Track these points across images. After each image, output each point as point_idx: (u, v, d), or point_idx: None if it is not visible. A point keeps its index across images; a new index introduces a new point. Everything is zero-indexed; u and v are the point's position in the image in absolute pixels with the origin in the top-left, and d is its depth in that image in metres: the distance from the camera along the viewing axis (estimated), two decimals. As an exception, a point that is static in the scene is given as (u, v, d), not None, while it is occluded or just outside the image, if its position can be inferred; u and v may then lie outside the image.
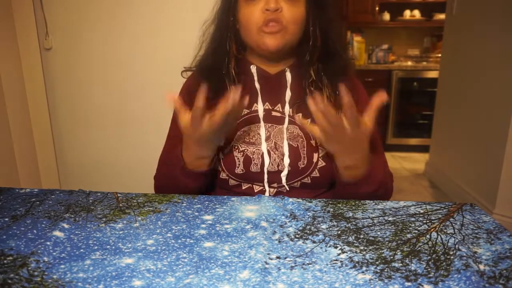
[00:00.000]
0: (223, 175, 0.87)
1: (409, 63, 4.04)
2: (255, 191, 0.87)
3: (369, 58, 4.19)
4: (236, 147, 0.85)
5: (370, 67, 3.98)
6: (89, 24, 1.70)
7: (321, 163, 0.85)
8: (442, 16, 3.65)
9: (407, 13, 4.18)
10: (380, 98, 0.71)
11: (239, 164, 0.85)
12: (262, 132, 0.86)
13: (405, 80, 3.79)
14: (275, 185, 0.86)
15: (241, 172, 0.85)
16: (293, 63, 0.92)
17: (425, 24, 4.14)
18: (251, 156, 0.85)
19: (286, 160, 0.84)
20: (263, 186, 0.86)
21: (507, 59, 2.04)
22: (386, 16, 4.14)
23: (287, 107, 0.88)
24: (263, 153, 0.85)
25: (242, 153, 0.85)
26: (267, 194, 0.86)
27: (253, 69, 0.91)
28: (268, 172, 0.85)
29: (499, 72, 2.11)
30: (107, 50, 1.73)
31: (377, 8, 4.04)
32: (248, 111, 0.89)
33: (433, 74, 3.64)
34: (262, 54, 0.88)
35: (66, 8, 1.69)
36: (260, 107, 0.88)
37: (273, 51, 0.84)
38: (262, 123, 0.87)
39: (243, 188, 0.87)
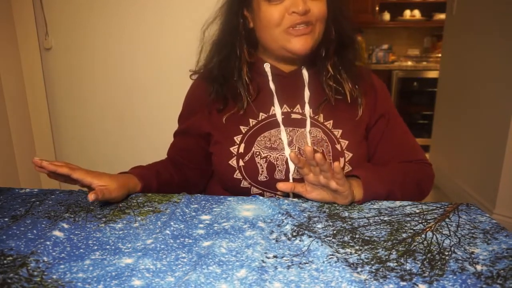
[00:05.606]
0: (244, 184, 0.80)
1: (409, 63, 4.04)
2: None
3: (369, 58, 4.18)
4: (258, 153, 0.79)
5: (370, 67, 3.97)
6: (89, 24, 1.70)
7: (348, 168, 0.79)
8: (442, 16, 3.65)
9: (407, 13, 4.17)
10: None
11: (263, 171, 0.79)
12: (284, 136, 0.80)
13: (405, 80, 3.79)
14: None
15: (265, 179, 0.79)
16: (308, 60, 0.83)
17: (425, 24, 4.14)
18: (275, 163, 0.79)
19: None
20: (288, 195, 0.78)
21: (507, 59, 2.04)
22: (386, 16, 4.14)
23: (307, 108, 0.81)
24: (287, 159, 0.78)
25: (264, 159, 0.79)
26: None
27: (267, 67, 0.84)
28: (293, 179, 0.78)
29: (499, 72, 2.11)
30: (107, 50, 1.73)
31: (377, 8, 4.04)
32: (266, 115, 0.82)
33: (433, 74, 3.64)
34: (285, 56, 0.81)
35: (66, 8, 1.69)
36: (277, 110, 0.82)
37: (302, 54, 0.78)
38: (282, 127, 0.80)
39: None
